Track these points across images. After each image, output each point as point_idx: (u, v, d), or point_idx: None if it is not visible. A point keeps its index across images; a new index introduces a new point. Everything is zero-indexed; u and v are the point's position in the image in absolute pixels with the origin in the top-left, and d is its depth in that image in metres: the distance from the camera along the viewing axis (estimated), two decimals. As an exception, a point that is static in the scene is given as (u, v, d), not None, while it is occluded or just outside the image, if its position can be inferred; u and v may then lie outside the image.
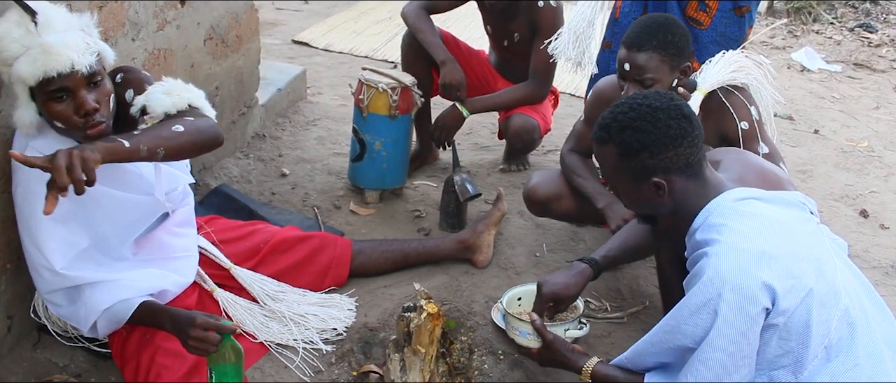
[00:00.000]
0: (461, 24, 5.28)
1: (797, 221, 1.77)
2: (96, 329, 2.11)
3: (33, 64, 1.89)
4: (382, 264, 2.68)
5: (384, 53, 5.13)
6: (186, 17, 2.90)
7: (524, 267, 2.81)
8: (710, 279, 1.65)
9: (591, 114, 2.66)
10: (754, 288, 1.61)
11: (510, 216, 3.10)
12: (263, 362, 2.27)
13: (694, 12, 2.82)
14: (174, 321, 1.99)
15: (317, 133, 3.77)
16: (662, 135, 1.73)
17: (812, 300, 1.65)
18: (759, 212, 1.72)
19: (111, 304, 2.07)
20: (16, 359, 2.20)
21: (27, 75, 1.90)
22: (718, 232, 1.70)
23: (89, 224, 2.11)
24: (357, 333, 2.41)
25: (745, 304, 1.62)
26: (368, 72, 3.14)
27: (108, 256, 2.17)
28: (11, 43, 1.90)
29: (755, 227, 1.69)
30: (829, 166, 3.95)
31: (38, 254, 2.04)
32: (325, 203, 3.16)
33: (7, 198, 2.09)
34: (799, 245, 1.70)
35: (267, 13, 5.71)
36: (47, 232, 2.03)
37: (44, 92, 1.93)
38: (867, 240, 3.24)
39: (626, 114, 1.77)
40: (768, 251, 1.64)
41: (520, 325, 2.17)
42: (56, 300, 2.11)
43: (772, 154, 2.34)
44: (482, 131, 4.01)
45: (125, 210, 2.18)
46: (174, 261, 2.29)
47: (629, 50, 2.27)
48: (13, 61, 1.92)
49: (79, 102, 1.95)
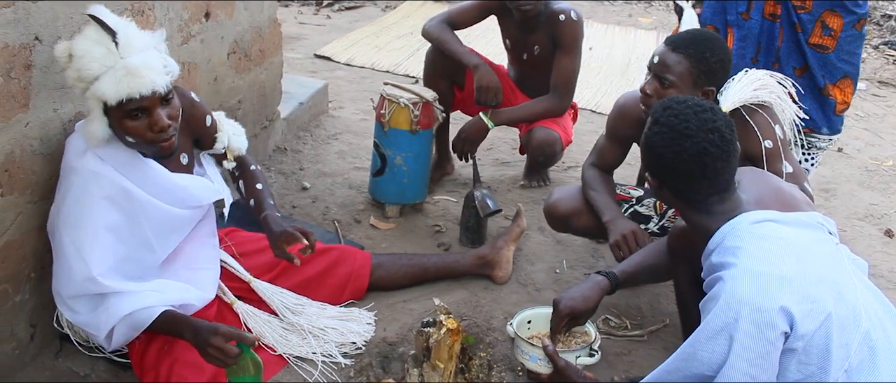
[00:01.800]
0: (482, 40, 5.29)
1: (816, 243, 1.74)
2: (111, 338, 2.10)
3: (118, 85, 1.96)
4: (401, 278, 2.68)
5: (406, 68, 5.15)
6: (210, 32, 2.94)
7: (544, 283, 2.80)
8: (727, 304, 1.63)
9: (612, 128, 2.66)
10: (772, 312, 1.59)
11: (530, 232, 3.09)
12: (282, 375, 2.28)
13: (819, 39, 2.94)
14: (195, 331, 2.00)
15: (338, 147, 3.79)
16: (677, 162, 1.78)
17: (831, 323, 1.62)
18: (776, 235, 1.70)
19: (133, 311, 2.07)
20: (38, 368, 2.22)
21: (110, 95, 1.97)
22: (735, 255, 1.68)
23: (137, 234, 2.15)
24: (376, 347, 2.41)
25: (763, 329, 1.59)
26: (390, 86, 3.15)
27: (141, 266, 2.19)
28: (92, 62, 1.96)
29: (772, 250, 1.66)
30: (853, 185, 3.91)
31: (76, 257, 2.04)
32: (346, 217, 3.16)
33: (33, 208, 2.12)
34: (817, 267, 1.67)
35: (290, 27, 5.75)
36: (95, 236, 2.05)
37: (121, 110, 2.00)
38: (892, 261, 3.19)
39: (652, 136, 1.81)
40: (786, 274, 1.62)
41: (529, 350, 2.16)
42: (77, 306, 2.10)
43: (796, 174, 2.32)
44: (502, 146, 4.01)
45: (171, 223, 2.23)
46: (198, 271, 2.31)
47: (667, 46, 2.32)
48: (93, 80, 1.97)
49: (153, 120, 2.04)
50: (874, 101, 5.24)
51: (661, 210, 2.64)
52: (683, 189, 1.80)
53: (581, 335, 2.29)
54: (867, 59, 6.03)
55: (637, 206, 2.66)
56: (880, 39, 6.40)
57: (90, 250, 2.04)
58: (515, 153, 3.94)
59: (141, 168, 2.13)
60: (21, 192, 2.08)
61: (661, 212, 2.64)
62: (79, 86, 2.02)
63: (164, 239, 2.24)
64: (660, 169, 1.81)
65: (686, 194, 1.81)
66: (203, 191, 2.32)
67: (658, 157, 1.79)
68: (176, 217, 2.24)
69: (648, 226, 2.63)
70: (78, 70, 1.98)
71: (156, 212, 2.16)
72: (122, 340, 2.12)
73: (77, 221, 2.04)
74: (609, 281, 2.22)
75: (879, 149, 4.43)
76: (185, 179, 2.26)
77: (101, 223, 2.06)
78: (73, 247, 2.04)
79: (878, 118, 4.94)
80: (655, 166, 1.83)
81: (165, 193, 2.18)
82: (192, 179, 2.29)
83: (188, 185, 2.26)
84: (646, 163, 1.88)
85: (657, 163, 1.81)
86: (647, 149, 1.83)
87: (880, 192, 3.85)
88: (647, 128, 1.83)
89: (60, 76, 2.12)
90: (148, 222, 2.15)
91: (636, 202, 2.67)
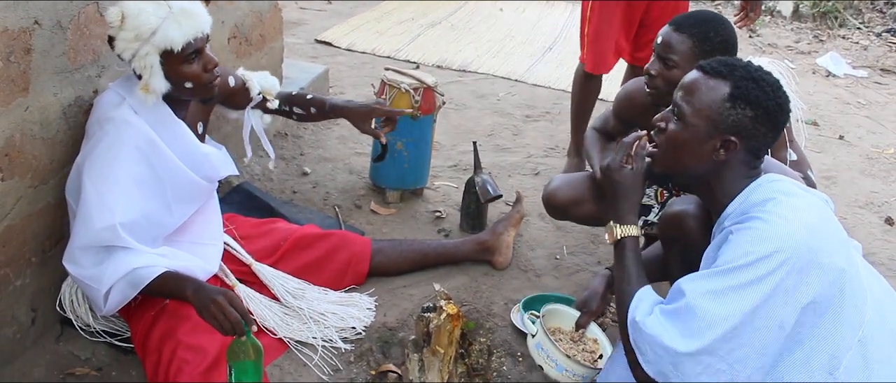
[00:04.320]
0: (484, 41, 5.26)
1: (827, 213, 1.75)
2: (108, 298, 2.06)
3: (182, 29, 2.05)
4: (402, 263, 2.69)
5: (407, 54, 5.14)
6: (211, 16, 2.92)
7: (544, 269, 2.81)
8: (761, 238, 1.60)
9: (618, 111, 2.67)
10: (805, 254, 1.59)
11: (530, 218, 3.10)
12: (282, 360, 2.28)
13: None
14: (198, 288, 2.00)
15: (338, 132, 3.78)
16: (775, 112, 1.71)
17: (844, 280, 1.64)
18: (798, 191, 1.71)
19: (137, 267, 2.05)
20: (39, 352, 2.23)
21: (178, 40, 2.04)
22: (764, 206, 1.66)
23: (159, 194, 2.17)
24: (376, 333, 2.41)
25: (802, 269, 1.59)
26: (391, 72, 3.15)
27: (155, 228, 2.19)
28: (149, 16, 2.02)
29: (805, 203, 1.67)
30: (854, 173, 3.91)
31: (99, 204, 2.03)
32: (346, 202, 3.17)
33: (33, 193, 2.12)
34: (833, 227, 1.69)
35: (290, 12, 5.73)
36: (122, 186, 2.07)
37: (180, 56, 2.07)
38: (892, 249, 3.20)
39: (759, 72, 1.73)
40: (812, 223, 1.63)
41: (559, 358, 2.07)
42: (83, 259, 2.07)
43: (800, 161, 2.31)
44: (503, 132, 4.01)
45: (190, 190, 2.26)
46: (202, 245, 2.33)
47: (670, 26, 2.30)
48: (152, 33, 2.02)
49: (206, 59, 2.13)
50: (877, 89, 5.23)
51: (662, 199, 2.63)
52: (761, 145, 1.74)
53: (590, 342, 2.28)
54: (870, 46, 6.01)
55: None
56: (883, 27, 6.38)
57: (115, 199, 2.05)
58: (516, 139, 3.94)
59: (172, 127, 2.18)
60: (21, 177, 2.08)
61: (661, 201, 2.63)
62: (131, 47, 2.05)
63: (181, 205, 2.26)
64: (754, 123, 1.70)
65: (758, 150, 1.75)
66: (221, 163, 2.36)
67: (763, 111, 1.69)
68: (194, 185, 2.27)
69: (648, 217, 2.62)
70: (135, 28, 2.03)
71: (179, 176, 2.20)
72: (120, 298, 2.07)
73: (104, 169, 2.05)
74: (611, 273, 2.21)
75: (881, 136, 4.43)
76: (207, 148, 2.31)
77: (129, 174, 2.08)
78: (96, 193, 2.04)
79: (880, 106, 4.93)
80: (751, 121, 1.70)
81: (189, 157, 2.22)
82: (212, 149, 2.34)
83: (210, 154, 2.31)
84: (732, 122, 1.70)
85: (754, 118, 1.69)
86: (744, 104, 1.69)
87: (881, 180, 3.85)
88: (736, 86, 1.70)
89: (60, 60, 2.12)
90: (170, 184, 2.18)
91: None
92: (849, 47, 6.01)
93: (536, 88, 4.76)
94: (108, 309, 2.09)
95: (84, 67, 2.22)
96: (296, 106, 2.64)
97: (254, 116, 2.59)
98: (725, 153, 1.72)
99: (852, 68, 5.52)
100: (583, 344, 2.28)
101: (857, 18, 6.51)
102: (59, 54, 2.10)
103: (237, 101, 2.54)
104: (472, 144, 3.21)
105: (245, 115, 2.59)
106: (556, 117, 4.29)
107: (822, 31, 6.32)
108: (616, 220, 1.87)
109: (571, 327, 2.21)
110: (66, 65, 2.15)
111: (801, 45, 6.03)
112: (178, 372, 2.03)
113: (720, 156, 1.72)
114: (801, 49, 5.94)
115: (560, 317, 2.26)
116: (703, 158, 1.74)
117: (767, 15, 6.65)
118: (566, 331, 2.26)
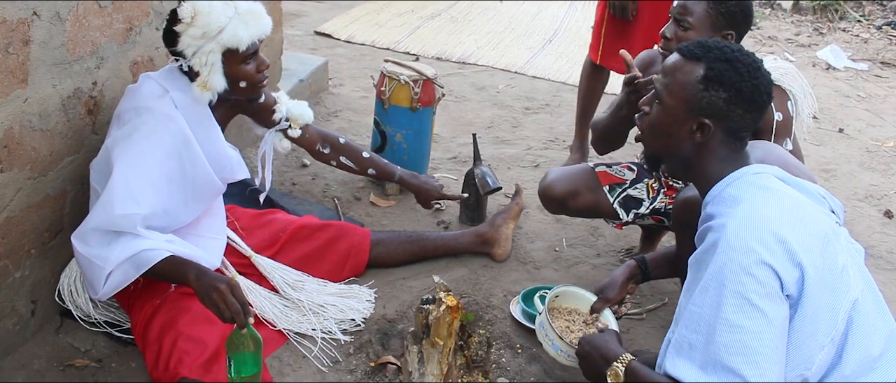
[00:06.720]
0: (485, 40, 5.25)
1: (813, 209, 1.73)
2: (110, 279, 2.03)
3: (249, 29, 2.12)
4: (401, 255, 2.69)
5: (406, 46, 5.13)
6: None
7: (543, 261, 2.81)
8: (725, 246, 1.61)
9: None
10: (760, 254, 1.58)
11: (530, 210, 3.10)
12: (282, 351, 2.29)
13: None
14: (200, 273, 1.99)
15: (338, 124, 3.78)
16: (750, 94, 1.70)
17: (807, 278, 1.61)
18: (776, 187, 1.70)
19: (144, 249, 2.04)
20: (39, 343, 2.23)
21: (244, 40, 2.11)
22: (734, 204, 1.66)
23: (182, 190, 2.19)
24: (375, 324, 2.42)
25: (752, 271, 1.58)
26: (391, 64, 3.15)
27: (169, 220, 2.20)
28: (219, 15, 2.09)
29: (770, 200, 1.65)
30: (854, 166, 3.91)
31: (125, 191, 2.03)
32: (346, 194, 3.17)
33: (33, 184, 2.12)
34: (810, 225, 1.66)
35: (290, 4, 5.72)
36: (152, 179, 2.09)
37: (241, 56, 2.14)
38: (892, 242, 3.20)
39: (734, 52, 1.72)
40: (777, 219, 1.61)
41: (554, 338, 2.09)
42: (91, 239, 2.05)
43: (795, 152, 2.31)
44: (503, 125, 4.00)
45: (209, 189, 2.29)
46: (206, 239, 2.33)
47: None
48: (219, 31, 2.09)
49: (260, 61, 2.22)
50: (876, 82, 5.22)
51: (653, 194, 2.61)
52: (739, 127, 1.73)
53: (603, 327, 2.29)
54: (870, 39, 6.00)
55: (630, 190, 2.62)
56: (883, 20, 6.37)
57: (142, 190, 2.06)
58: (515, 131, 3.94)
59: (207, 127, 2.22)
60: (21, 168, 2.07)
61: (652, 195, 2.61)
62: (196, 43, 2.10)
63: (198, 203, 2.28)
64: (728, 105, 1.70)
65: (738, 132, 1.73)
66: (240, 167, 2.38)
67: (736, 92, 1.69)
68: (213, 184, 2.28)
69: (639, 210, 2.61)
70: (204, 26, 2.08)
71: (204, 176, 2.22)
72: (121, 279, 2.04)
73: (137, 157, 2.07)
74: (637, 263, 2.21)
75: (880, 129, 4.42)
76: (232, 150, 2.34)
77: (162, 168, 2.11)
78: (123, 181, 2.04)
79: (880, 99, 4.93)
80: (725, 102, 1.70)
81: (215, 158, 2.25)
82: (236, 152, 2.37)
83: (234, 157, 2.34)
84: (706, 103, 1.71)
85: (728, 99, 1.70)
86: (718, 86, 1.70)
87: (880, 173, 3.85)
88: (710, 68, 1.71)
89: (59, 51, 2.11)
90: (194, 183, 2.21)
91: (629, 185, 2.63)
92: (849, 40, 6.00)
93: (536, 80, 4.75)
94: (104, 293, 2.05)
95: (83, 59, 2.21)
96: (346, 157, 2.76)
97: (275, 139, 2.64)
98: (701, 135, 1.73)
99: (852, 61, 5.52)
100: (595, 327, 2.28)
101: (858, 11, 6.50)
102: (57, 46, 2.10)
103: (262, 117, 2.57)
104: (471, 136, 3.21)
105: (266, 135, 2.62)
106: (555, 109, 4.29)
107: (823, 23, 6.31)
108: (607, 364, 1.86)
109: (587, 310, 2.22)
110: (65, 56, 2.14)
111: (801, 37, 6.02)
112: (178, 364, 2.03)
113: (697, 139, 1.74)
114: (801, 42, 5.93)
115: (577, 299, 2.26)
116: (683, 140, 1.76)
117: (768, 7, 6.64)
118: (582, 313, 2.26)
